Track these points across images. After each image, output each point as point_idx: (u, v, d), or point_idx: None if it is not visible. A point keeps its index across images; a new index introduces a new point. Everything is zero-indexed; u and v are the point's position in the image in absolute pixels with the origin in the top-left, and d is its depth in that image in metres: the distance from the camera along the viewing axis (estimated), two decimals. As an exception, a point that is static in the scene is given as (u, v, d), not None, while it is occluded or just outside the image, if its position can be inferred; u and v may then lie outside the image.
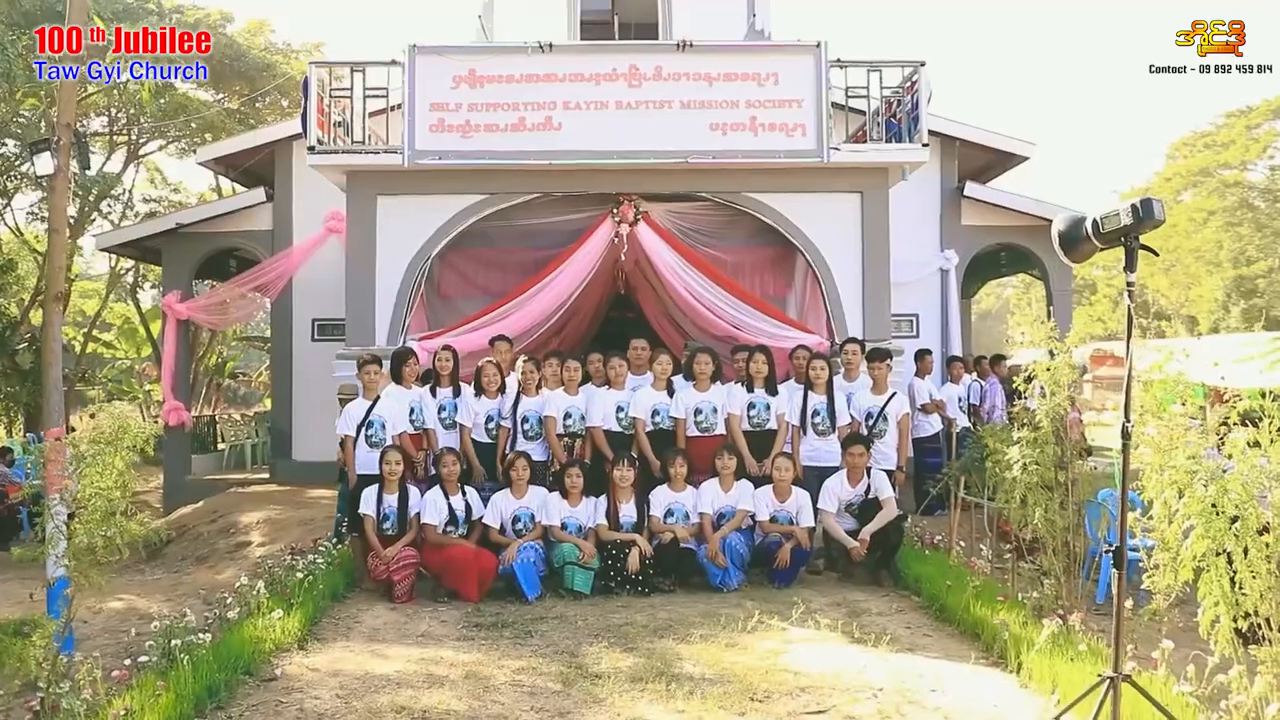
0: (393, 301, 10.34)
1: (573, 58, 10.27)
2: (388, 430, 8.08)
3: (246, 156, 14.68)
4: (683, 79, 10.14)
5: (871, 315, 10.40)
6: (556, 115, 10.07)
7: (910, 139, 10.39)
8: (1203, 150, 42.99)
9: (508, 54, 10.20)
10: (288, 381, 14.66)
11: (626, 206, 10.27)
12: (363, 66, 10.24)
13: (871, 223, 10.46)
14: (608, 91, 10.12)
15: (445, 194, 10.36)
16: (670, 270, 10.34)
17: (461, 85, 10.09)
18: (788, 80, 10.14)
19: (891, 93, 10.55)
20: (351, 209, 10.41)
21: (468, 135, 10.07)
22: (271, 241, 14.46)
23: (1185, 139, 45.00)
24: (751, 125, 10.11)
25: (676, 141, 10.04)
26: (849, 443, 7.96)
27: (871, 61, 10.36)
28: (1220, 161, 41.23)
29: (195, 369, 24.20)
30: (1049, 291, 14.59)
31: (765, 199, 10.47)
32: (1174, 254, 43.56)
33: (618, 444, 8.43)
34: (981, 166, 15.11)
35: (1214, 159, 41.41)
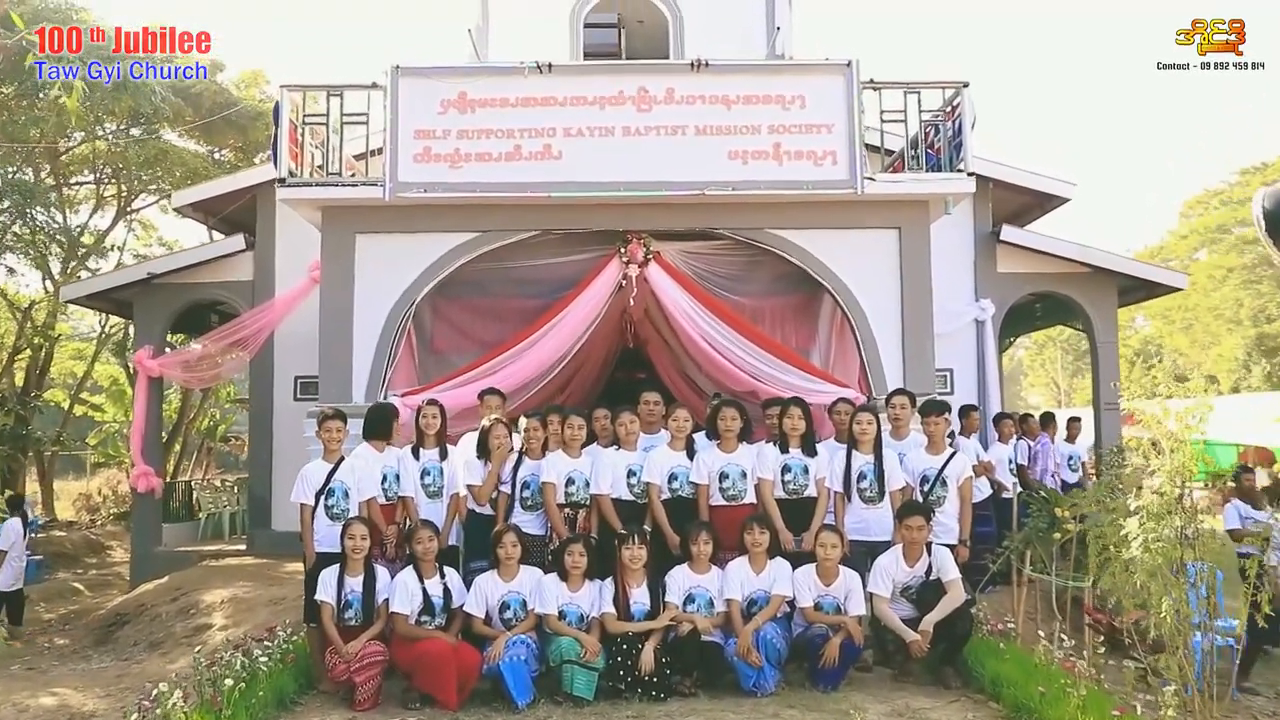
0: (372, 352, 9.21)
1: (575, 79, 9.25)
2: (352, 499, 6.83)
3: (226, 202, 13.73)
4: (698, 102, 9.10)
5: (913, 365, 9.22)
6: (556, 143, 9.04)
7: (952, 168, 9.28)
8: (1218, 207, 42.54)
9: (502, 75, 9.17)
10: (267, 444, 13.52)
11: (635, 245, 9.23)
12: (340, 90, 9.22)
13: (911, 262, 9.34)
14: (614, 116, 9.09)
15: (432, 232, 9.29)
16: (685, 316, 9.26)
17: (450, 110, 9.06)
18: (815, 103, 9.10)
19: (931, 117, 9.44)
20: (326, 249, 9.32)
21: (457, 166, 9.02)
22: (252, 293, 13.47)
23: (1199, 197, 44.66)
24: (775, 153, 9.05)
25: (691, 171, 8.99)
26: (906, 513, 6.67)
27: (908, 83, 9.31)
28: (1238, 218, 40.60)
29: (186, 432, 23.24)
30: (1093, 343, 13.57)
31: (791, 236, 9.37)
32: (1192, 312, 42.86)
33: (628, 516, 7.17)
34: (1017, 209, 14.08)
35: (1231, 216, 40.87)
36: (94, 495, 25.58)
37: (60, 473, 27.70)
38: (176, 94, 19.33)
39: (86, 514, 23.98)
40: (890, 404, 7.71)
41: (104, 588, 15.34)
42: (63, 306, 20.90)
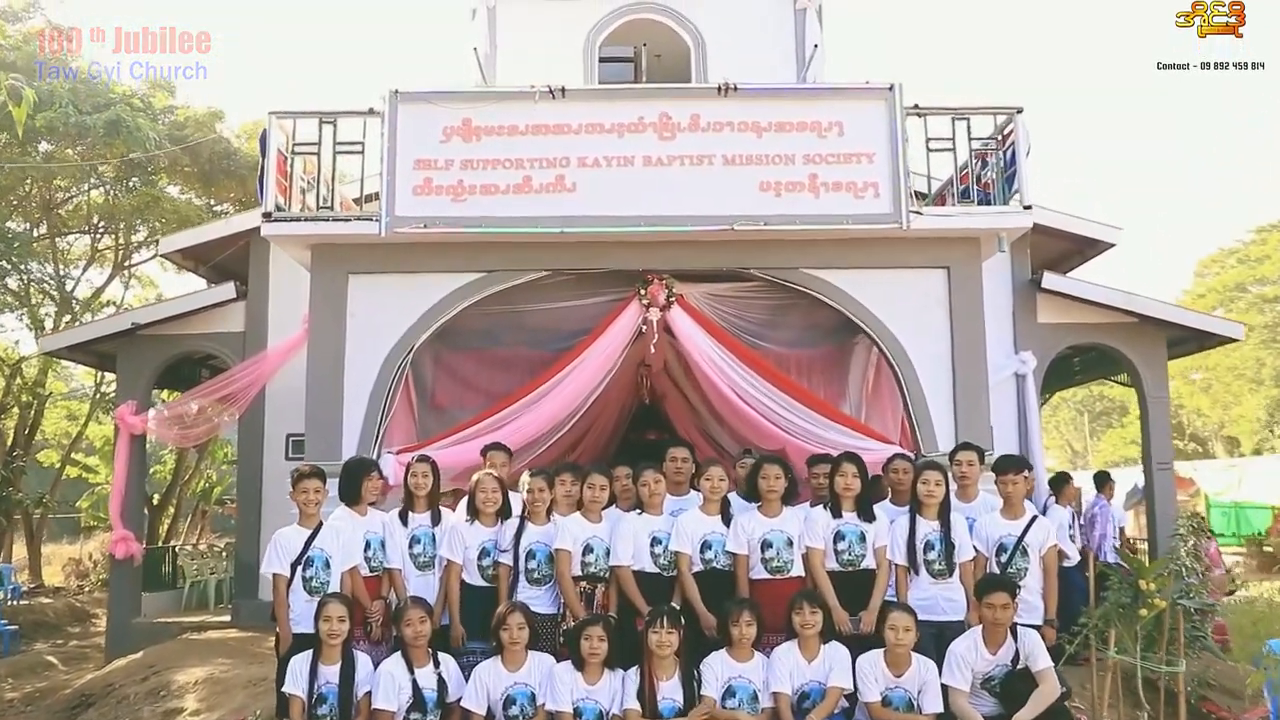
0: (364, 406, 8.36)
1: (590, 105, 8.50)
2: (334, 569, 5.86)
3: (218, 248, 12.96)
4: (725, 129, 8.36)
5: (967, 419, 8.34)
6: (570, 174, 8.27)
7: (1005, 200, 8.46)
8: (1235, 266, 41.97)
9: (511, 100, 8.42)
10: (256, 507, 12.61)
11: (656, 287, 8.42)
12: (333, 117, 8.45)
13: (962, 304, 8.49)
14: (633, 145, 8.34)
15: (432, 272, 8.48)
16: (710, 365, 8.43)
17: (454, 138, 8.30)
18: (855, 130, 8.35)
19: (981, 145, 8.63)
20: (315, 291, 8.49)
21: (460, 199, 8.24)
22: (243, 345, 12.60)
23: (1214, 256, 44.15)
24: (811, 185, 8.27)
25: (719, 205, 8.22)
26: (987, 589, 5.63)
27: (956, 108, 8.53)
28: (1255, 276, 40.00)
29: (180, 494, 22.35)
30: (1143, 399, 12.62)
31: (829, 276, 8.54)
32: (1212, 372, 42.07)
33: (654, 592, 6.16)
34: (1056, 256, 13.22)
35: (1248, 274, 40.27)
36: (84, 560, 24.68)
37: (54, 536, 26.86)
38: (174, 142, 18.75)
39: (75, 579, 23.05)
40: (955, 460, 6.71)
41: (80, 661, 14.28)
42: (56, 363, 20.21)
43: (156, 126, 18.37)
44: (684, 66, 11.05)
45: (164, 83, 20.72)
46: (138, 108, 19.02)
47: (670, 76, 11.62)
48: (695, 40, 10.51)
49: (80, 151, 18.33)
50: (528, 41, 10.26)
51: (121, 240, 21.33)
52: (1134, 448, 46.48)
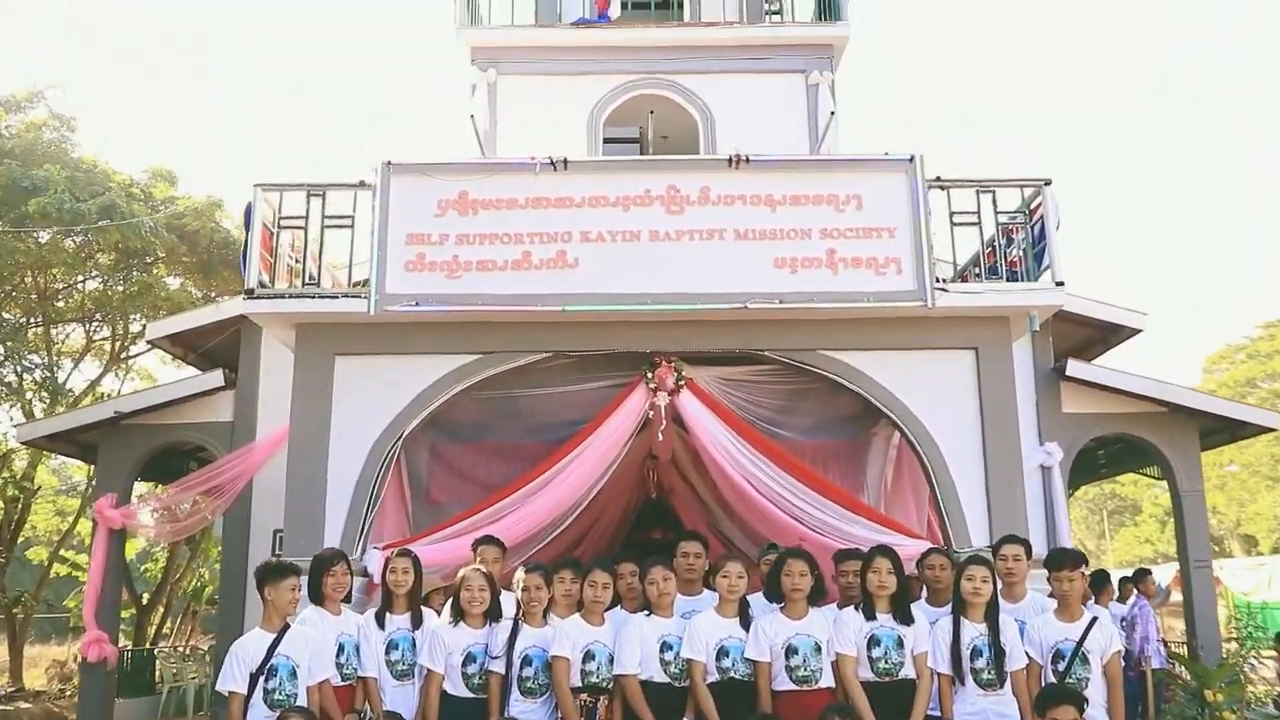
0: (349, 497, 7.78)
1: (594, 177, 8.09)
2: (300, 681, 5.17)
3: (206, 335, 12.51)
4: (737, 203, 7.94)
5: (1001, 511, 7.75)
6: (572, 249, 7.84)
7: (1033, 277, 8.03)
8: (1244, 361, 41.75)
9: (510, 172, 8.03)
10: (239, 607, 11.90)
11: (664, 370, 7.93)
12: (322, 189, 8.05)
13: (992, 387, 7.98)
14: (639, 219, 7.91)
15: (424, 353, 7.98)
16: (723, 453, 7.90)
17: (449, 211, 7.89)
18: (874, 203, 7.93)
19: (1008, 219, 8.19)
20: (300, 373, 7.98)
21: (455, 275, 7.79)
22: (231, 435, 12.11)
23: (1221, 352, 43.95)
24: (829, 261, 7.82)
25: (731, 282, 7.76)
26: (1050, 701, 4.88)
27: (981, 181, 8.11)
28: (1266, 371, 39.73)
29: (169, 593, 21.61)
30: (1175, 493, 12.13)
31: (849, 358, 8.03)
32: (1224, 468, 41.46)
33: (664, 704, 5.50)
34: (1081, 343, 12.75)
35: (1259, 369, 40.01)
36: (69, 662, 23.84)
37: (42, 637, 26.08)
38: (173, 232, 18.47)
39: (58, 683, 22.16)
40: (1000, 555, 6.06)
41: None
42: (47, 456, 19.66)
43: (154, 215, 18.14)
44: (691, 147, 10.72)
45: (165, 172, 20.62)
46: (136, 196, 18.83)
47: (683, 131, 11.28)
48: (704, 116, 10.20)
49: (77, 241, 18.08)
50: (529, 118, 9.96)
51: (118, 331, 20.97)
52: (1147, 547, 45.76)
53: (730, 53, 10.41)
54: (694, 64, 10.38)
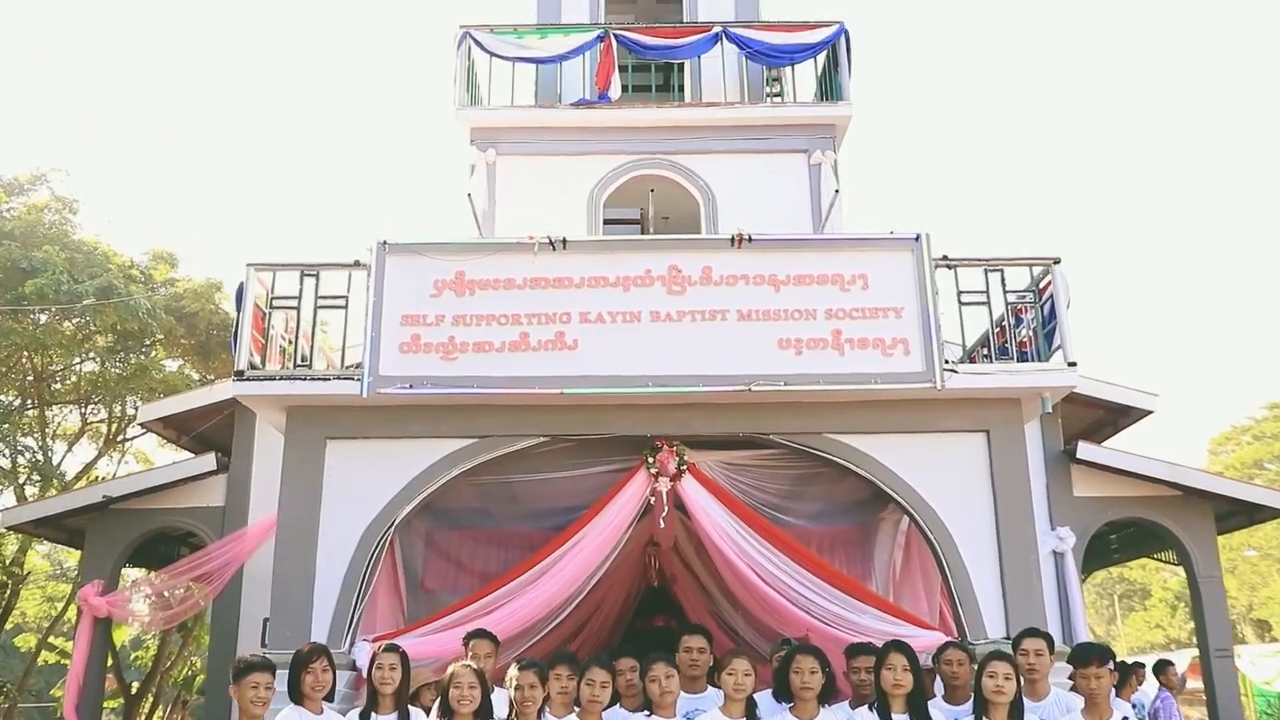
0: (338, 587, 7.50)
1: (593, 256, 7.95)
2: (276, 792, 4.86)
3: (200, 418, 12.30)
4: (740, 283, 7.78)
5: (1017, 600, 7.44)
6: (571, 331, 7.66)
7: (1044, 357, 7.84)
8: (1250, 443, 41.51)
9: (507, 252, 7.88)
10: (227, 698, 11.44)
11: (666, 454, 7.71)
12: (315, 269, 7.89)
13: (1005, 471, 7.72)
14: (640, 299, 7.74)
15: (418, 437, 7.74)
16: (726, 541, 7.66)
17: (445, 292, 7.73)
18: (880, 283, 7.78)
19: (1017, 298, 8.03)
20: (289, 457, 7.75)
21: (451, 357, 7.60)
22: (222, 521, 11.84)
23: (1226, 433, 43.74)
24: (835, 341, 7.63)
25: (734, 364, 7.56)
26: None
27: (989, 260, 7.97)
28: (1273, 453, 39.47)
29: (159, 682, 21.11)
30: (1193, 579, 11.75)
31: (856, 442, 7.79)
32: (1236, 551, 40.95)
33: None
34: (1090, 424, 12.54)
35: (1266, 451, 39.78)
36: (54, 754, 23.27)
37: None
38: (170, 312, 18.39)
39: (42, 775, 21.62)
40: (1021, 650, 5.76)
41: None
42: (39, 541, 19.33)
43: (153, 297, 18.08)
44: (693, 227, 10.61)
45: (166, 254, 20.61)
46: (135, 278, 18.80)
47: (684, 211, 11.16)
48: (705, 196, 10.10)
49: (75, 322, 18.00)
50: (528, 198, 9.86)
51: (114, 413, 20.78)
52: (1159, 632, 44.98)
53: (731, 133, 10.36)
54: (695, 144, 10.33)
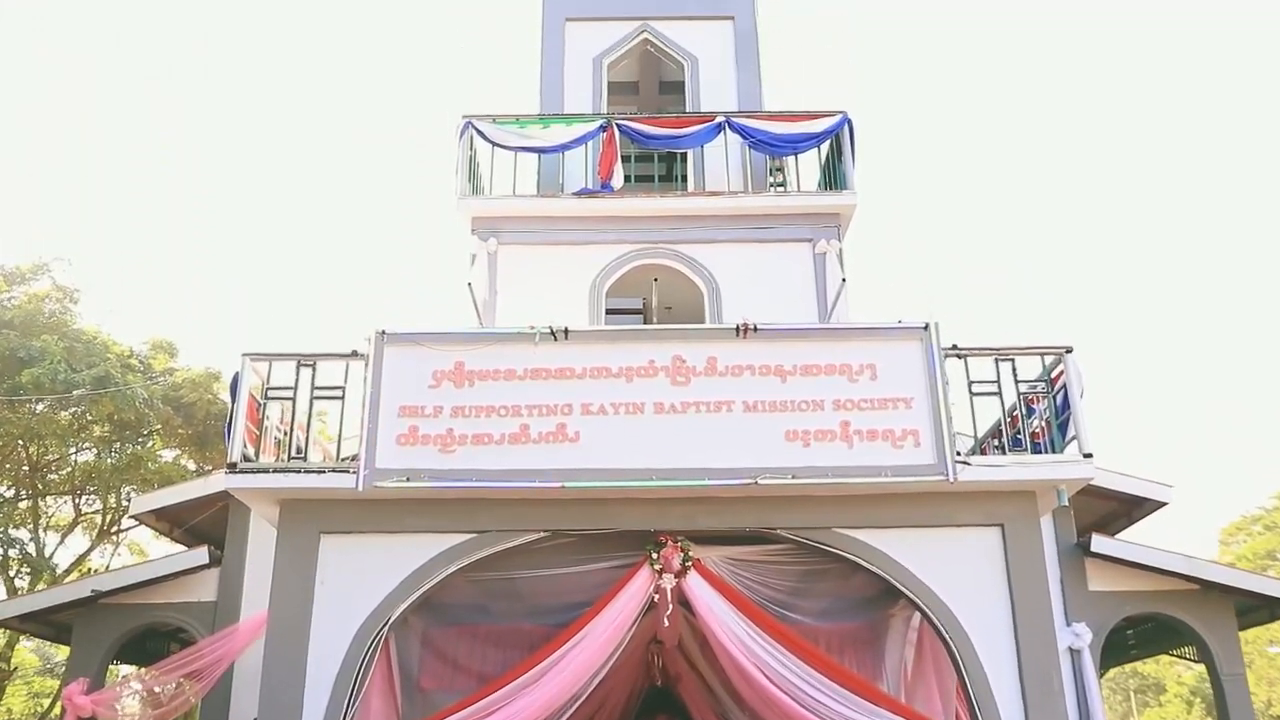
0: (330, 687, 7.31)
1: (596, 347, 7.88)
2: None
3: (193, 510, 12.09)
4: (745, 373, 7.71)
5: (1037, 700, 7.26)
6: (573, 423, 7.57)
7: (1058, 449, 7.70)
8: (1262, 533, 41.18)
9: (508, 342, 7.83)
10: (215, 801, 11.14)
11: (670, 550, 7.60)
12: (312, 359, 7.83)
13: (1021, 566, 7.56)
14: (643, 391, 7.67)
15: (415, 532, 7.60)
16: (733, 640, 7.49)
17: (444, 383, 7.67)
18: (889, 373, 7.71)
19: (1029, 388, 7.89)
20: (282, 552, 7.61)
21: (449, 450, 7.50)
22: (214, 617, 11.55)
23: (1237, 523, 43.40)
24: (844, 433, 7.54)
25: (740, 457, 7.46)
26: None
27: (999, 349, 7.89)
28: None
29: (151, 783, 20.52)
30: (1215, 677, 11.38)
31: (867, 537, 7.63)
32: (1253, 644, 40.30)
33: None
34: (1103, 516, 12.31)
35: (1277, 541, 39.42)
36: None
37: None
38: (167, 402, 18.28)
39: None
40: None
41: None
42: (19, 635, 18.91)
43: (151, 386, 18.00)
44: (697, 317, 10.52)
45: (165, 344, 20.58)
46: (134, 367, 18.73)
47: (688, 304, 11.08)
48: (709, 286, 10.02)
49: (72, 412, 17.89)
50: (530, 288, 9.79)
51: (110, 504, 20.54)
52: (1175, 728, 43.90)
53: (735, 222, 10.32)
54: (698, 233, 10.28)
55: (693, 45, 12.03)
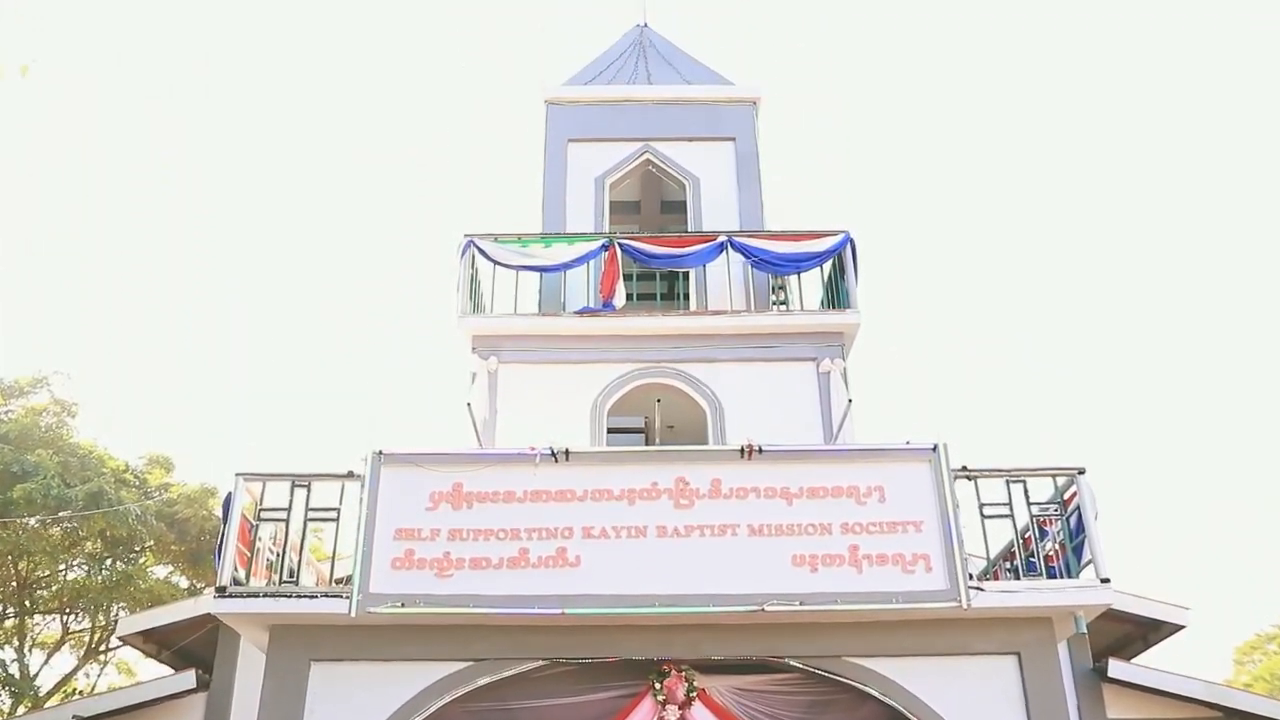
0: (316, 831, 6.86)
1: (597, 468, 7.81)
2: None
3: (181, 632, 11.74)
4: (750, 495, 7.61)
5: (1062, 841, 6.82)
6: (574, 547, 7.45)
7: (1074, 573, 7.51)
8: (1277, 652, 40.09)
9: (507, 463, 7.76)
10: None
11: (674, 679, 7.44)
12: (307, 480, 7.70)
13: (1040, 696, 7.29)
14: (646, 513, 7.56)
15: (409, 660, 7.37)
16: None
17: (442, 504, 7.58)
18: (898, 495, 7.62)
19: (1040, 510, 7.73)
20: (270, 680, 7.40)
21: (446, 574, 7.36)
22: (200, 743, 11.07)
23: (1251, 642, 42.25)
24: (852, 558, 7.40)
25: (746, 582, 7.33)
26: None
27: (1010, 470, 7.78)
28: (1303, 669, 38.05)
29: None
30: (1241, 812, 10.82)
31: (878, 665, 7.40)
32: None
33: None
34: (1118, 640, 11.94)
35: (1295, 662, 38.25)
36: None
37: None
38: (161, 518, 18.01)
39: None
40: None
41: None
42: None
43: (144, 502, 17.76)
44: (700, 437, 10.32)
45: (162, 458, 20.38)
46: (128, 482, 18.51)
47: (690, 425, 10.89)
48: (712, 405, 9.83)
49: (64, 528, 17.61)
50: (530, 407, 9.59)
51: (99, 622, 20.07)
52: None
53: (737, 341, 10.21)
54: (701, 352, 10.15)
55: (694, 165, 12.11)
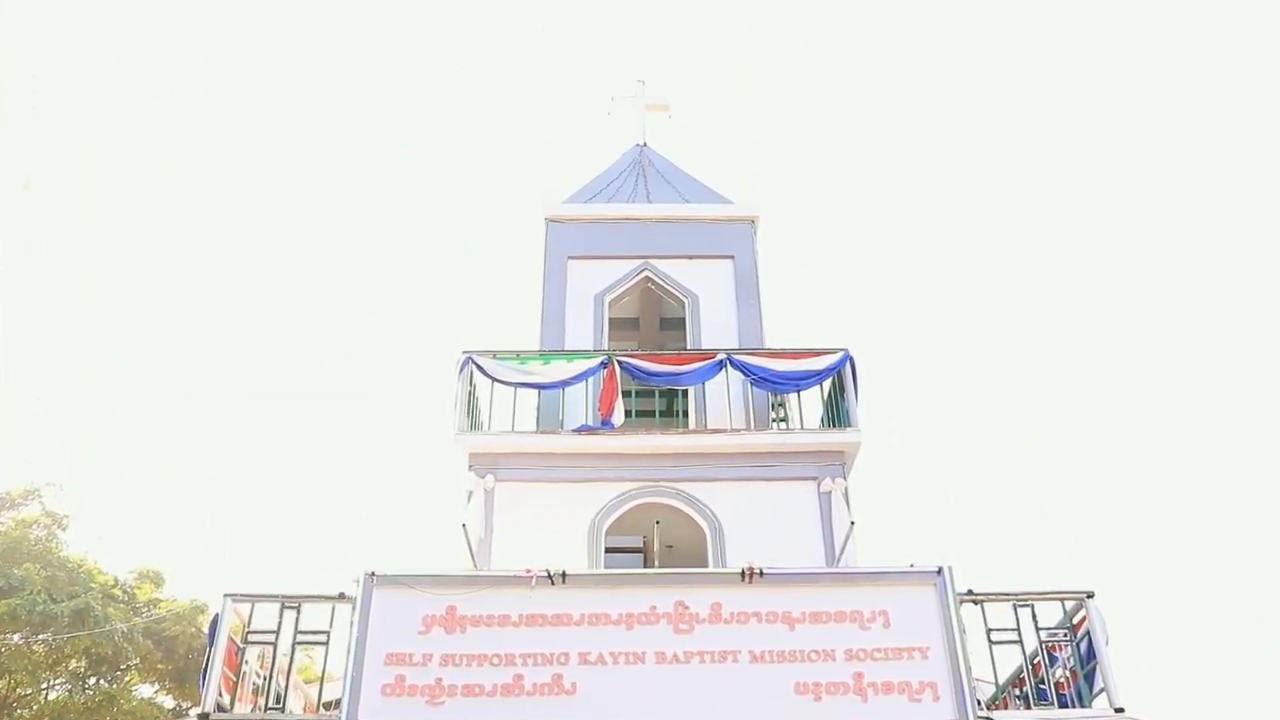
0: None
1: (594, 591, 7.57)
2: None
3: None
4: (751, 620, 7.39)
5: None
6: (570, 673, 7.19)
7: (1086, 702, 7.28)
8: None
9: (503, 586, 7.55)
10: None
11: None
12: (297, 602, 7.42)
13: None
14: (644, 639, 7.33)
15: None
16: None
17: (434, 628, 7.33)
18: (902, 620, 7.40)
19: (1049, 635, 7.52)
20: None
21: (437, 702, 7.07)
22: None
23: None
24: (857, 685, 7.14)
25: (747, 711, 7.09)
26: None
27: (1017, 594, 7.60)
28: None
29: None
30: None
31: (886, 800, 7.01)
32: None
33: None
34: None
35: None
36: None
37: None
38: (148, 635, 17.52)
39: None
40: None
41: None
42: None
43: (133, 619, 17.32)
44: (699, 558, 10.00)
45: (152, 573, 19.95)
46: (117, 597, 18.08)
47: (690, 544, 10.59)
48: (712, 526, 9.58)
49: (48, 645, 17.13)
50: (526, 526, 9.32)
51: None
52: None
53: (737, 460, 10.01)
54: (700, 471, 9.94)
55: (693, 283, 12.08)
